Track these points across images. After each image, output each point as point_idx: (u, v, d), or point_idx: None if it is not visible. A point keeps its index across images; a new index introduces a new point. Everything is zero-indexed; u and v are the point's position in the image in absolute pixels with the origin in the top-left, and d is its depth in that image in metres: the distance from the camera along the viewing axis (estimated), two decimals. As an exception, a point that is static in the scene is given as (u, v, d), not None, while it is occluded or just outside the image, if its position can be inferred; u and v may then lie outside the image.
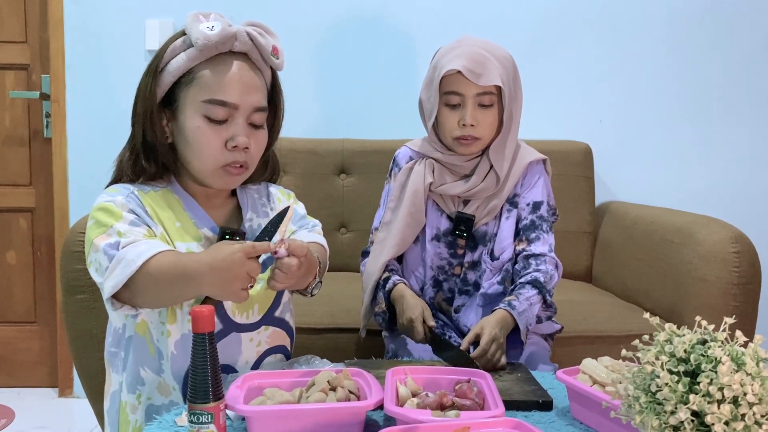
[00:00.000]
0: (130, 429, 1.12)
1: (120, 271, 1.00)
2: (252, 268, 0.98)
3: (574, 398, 1.02)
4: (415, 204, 1.44)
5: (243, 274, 0.97)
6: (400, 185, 1.47)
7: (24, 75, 2.46)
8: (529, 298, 1.34)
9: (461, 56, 1.35)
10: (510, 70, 1.39)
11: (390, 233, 1.47)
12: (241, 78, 1.09)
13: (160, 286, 1.01)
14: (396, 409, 0.89)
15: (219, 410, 0.82)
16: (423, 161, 1.46)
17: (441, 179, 1.44)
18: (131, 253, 1.00)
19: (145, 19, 2.36)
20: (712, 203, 2.30)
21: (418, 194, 1.44)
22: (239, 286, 0.98)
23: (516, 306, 1.31)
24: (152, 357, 1.10)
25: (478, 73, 1.34)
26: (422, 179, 1.44)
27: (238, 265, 0.96)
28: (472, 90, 1.36)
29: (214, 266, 0.97)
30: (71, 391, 2.48)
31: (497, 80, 1.34)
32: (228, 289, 0.98)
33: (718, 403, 0.68)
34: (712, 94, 2.41)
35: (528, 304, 1.33)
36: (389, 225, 1.48)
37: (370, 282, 1.47)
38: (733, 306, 1.61)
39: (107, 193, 1.10)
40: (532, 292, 1.35)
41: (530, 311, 1.34)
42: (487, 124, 1.39)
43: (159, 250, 1.01)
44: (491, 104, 1.38)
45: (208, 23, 1.07)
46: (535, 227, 1.43)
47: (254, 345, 1.16)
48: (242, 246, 0.98)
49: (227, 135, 1.09)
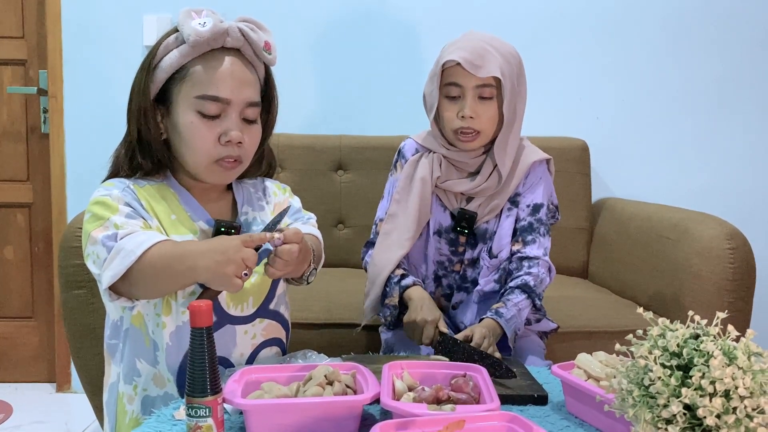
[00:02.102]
0: (127, 419, 1.13)
1: (119, 261, 1.01)
2: (247, 255, 0.99)
3: (569, 393, 1.03)
4: (423, 196, 1.43)
5: (238, 259, 0.98)
6: (408, 177, 1.46)
7: (21, 70, 2.45)
8: (517, 303, 1.35)
9: (462, 48, 1.35)
10: (514, 65, 1.38)
11: (398, 226, 1.45)
12: (233, 73, 1.10)
13: (157, 273, 1.02)
14: (392, 403, 0.90)
15: (217, 404, 0.83)
16: (430, 155, 1.46)
17: (447, 175, 1.44)
18: (130, 243, 1.01)
19: (143, 15, 2.35)
20: (707, 200, 2.31)
21: (426, 186, 1.43)
22: (233, 271, 0.98)
23: (503, 313, 1.32)
24: (148, 348, 1.11)
25: (477, 65, 1.34)
26: (430, 172, 1.43)
27: (233, 250, 0.98)
28: (472, 82, 1.36)
29: (210, 249, 0.99)
30: (69, 386, 2.49)
31: (496, 72, 1.34)
32: (222, 271, 0.98)
33: (709, 397, 0.69)
34: (708, 91, 2.42)
35: (516, 310, 1.34)
36: (395, 217, 1.46)
37: (379, 275, 1.43)
38: (727, 302, 1.62)
39: (103, 187, 1.12)
40: (521, 297, 1.36)
41: (519, 317, 1.34)
42: (487, 117, 1.38)
43: (158, 240, 1.02)
44: (491, 97, 1.38)
45: (200, 19, 1.08)
46: (533, 230, 1.44)
47: (249, 337, 1.17)
48: (240, 236, 1.01)
49: (220, 130, 1.10)
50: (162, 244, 1.02)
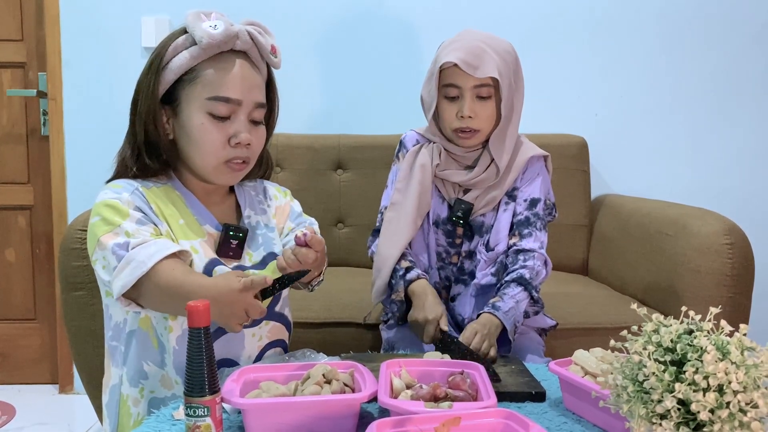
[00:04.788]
0: (132, 422, 1.13)
1: (129, 272, 1.02)
2: (251, 306, 1.00)
3: (566, 389, 1.03)
4: (423, 184, 1.44)
5: (241, 312, 1.00)
6: (409, 165, 1.47)
7: (21, 73, 2.46)
8: (514, 296, 1.35)
9: (459, 49, 1.36)
10: (510, 63, 1.39)
11: (400, 213, 1.46)
12: (243, 76, 1.11)
13: (163, 297, 1.04)
14: (390, 400, 0.90)
15: (215, 403, 0.83)
16: (430, 145, 1.47)
17: (446, 164, 1.46)
18: (141, 254, 1.02)
19: (141, 16, 2.36)
20: (706, 196, 2.32)
21: (426, 174, 1.45)
22: (235, 322, 1.02)
23: (501, 307, 1.33)
24: (155, 351, 1.12)
25: (474, 65, 1.35)
26: (430, 160, 1.45)
27: (238, 305, 1.00)
28: (470, 82, 1.37)
29: (216, 300, 0.97)
30: (71, 387, 2.50)
31: (494, 72, 1.35)
32: (225, 322, 1.02)
33: (703, 392, 0.69)
34: (706, 87, 2.42)
35: (514, 302, 1.34)
36: (398, 205, 1.47)
37: (385, 263, 1.44)
38: (726, 297, 1.63)
39: (111, 189, 1.11)
40: (518, 290, 1.36)
41: (517, 308, 1.35)
42: (486, 116, 1.39)
43: (168, 252, 1.03)
44: (489, 96, 1.39)
45: (211, 22, 1.09)
46: (529, 223, 1.44)
47: (256, 340, 1.19)
48: (244, 283, 0.99)
49: (230, 132, 1.11)
50: (172, 265, 1.03)
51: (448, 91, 1.40)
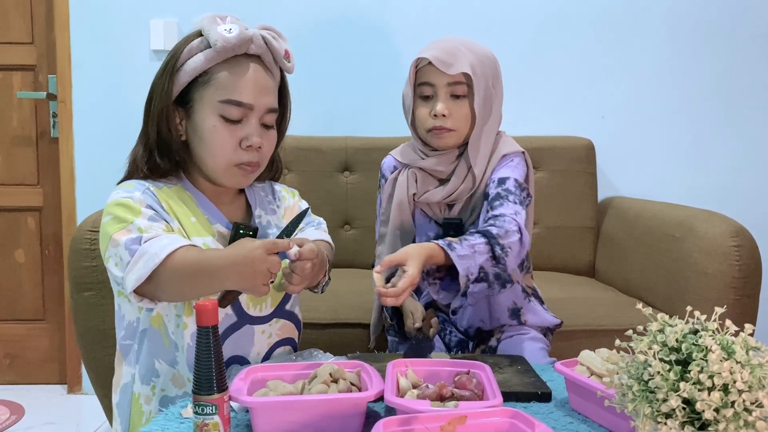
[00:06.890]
0: (144, 420, 1.14)
1: (143, 264, 1.02)
2: (272, 263, 1.01)
3: (572, 389, 1.04)
4: (401, 216, 1.46)
5: (264, 270, 1.00)
6: (389, 197, 1.48)
7: (31, 76, 2.49)
8: (474, 245, 1.23)
9: (434, 48, 1.36)
10: (488, 66, 1.37)
11: (387, 248, 1.47)
12: (256, 80, 1.12)
13: (183, 280, 1.04)
14: (396, 399, 0.91)
15: (223, 401, 0.84)
16: (405, 171, 1.46)
17: (423, 187, 1.44)
18: (154, 246, 1.02)
19: (150, 19, 2.38)
20: (713, 198, 2.31)
21: (403, 206, 1.45)
22: (260, 281, 1.01)
23: (456, 248, 1.21)
24: (167, 349, 1.13)
25: (448, 63, 1.33)
26: (405, 190, 1.44)
27: (259, 262, 1.00)
28: (444, 80, 1.35)
29: (236, 262, 1.00)
30: (80, 387, 2.51)
31: (467, 68, 1.33)
32: (249, 284, 1.02)
33: (708, 391, 0.69)
34: (713, 90, 2.41)
35: (471, 251, 1.22)
36: (384, 239, 1.49)
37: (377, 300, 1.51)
38: (733, 299, 1.62)
39: (123, 189, 1.12)
40: (479, 240, 1.24)
41: (473, 259, 1.22)
42: (461, 115, 1.37)
43: (181, 244, 1.04)
44: (464, 95, 1.36)
45: (226, 26, 1.10)
46: (500, 197, 1.35)
47: (266, 337, 1.19)
48: (263, 243, 1.01)
49: (242, 135, 1.12)
50: (186, 250, 1.03)
51: (422, 90, 1.38)
